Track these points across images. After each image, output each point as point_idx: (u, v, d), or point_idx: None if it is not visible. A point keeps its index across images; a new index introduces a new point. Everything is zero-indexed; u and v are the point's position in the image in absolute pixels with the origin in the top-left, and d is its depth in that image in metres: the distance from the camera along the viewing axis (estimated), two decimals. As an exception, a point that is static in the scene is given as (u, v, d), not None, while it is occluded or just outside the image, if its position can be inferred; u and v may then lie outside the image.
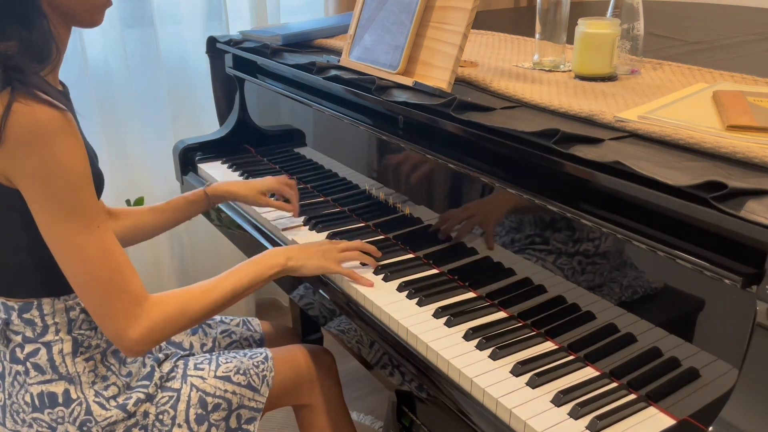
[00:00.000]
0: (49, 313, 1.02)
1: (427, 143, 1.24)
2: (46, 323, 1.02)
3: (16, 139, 0.86)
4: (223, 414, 1.16)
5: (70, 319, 1.04)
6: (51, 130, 0.86)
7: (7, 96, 0.86)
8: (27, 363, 1.03)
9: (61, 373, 1.04)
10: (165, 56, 2.22)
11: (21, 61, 0.89)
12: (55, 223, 0.91)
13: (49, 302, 1.02)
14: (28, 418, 1.04)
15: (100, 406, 1.05)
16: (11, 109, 0.85)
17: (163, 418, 1.11)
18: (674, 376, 0.89)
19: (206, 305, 1.05)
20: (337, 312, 1.22)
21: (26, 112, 0.85)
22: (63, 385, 1.04)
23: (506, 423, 0.91)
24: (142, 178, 2.26)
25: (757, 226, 0.74)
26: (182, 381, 1.14)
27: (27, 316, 1.02)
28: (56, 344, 1.03)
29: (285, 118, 1.79)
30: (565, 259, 1.03)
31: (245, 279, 1.11)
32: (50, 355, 1.03)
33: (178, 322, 1.01)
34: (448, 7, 1.21)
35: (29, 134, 0.85)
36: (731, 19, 2.12)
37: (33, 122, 0.85)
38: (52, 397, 1.03)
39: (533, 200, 1.04)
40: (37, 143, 0.86)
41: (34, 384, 1.03)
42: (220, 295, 1.07)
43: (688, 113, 1.03)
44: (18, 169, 0.88)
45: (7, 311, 1.02)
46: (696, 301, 0.86)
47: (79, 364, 1.05)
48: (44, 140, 0.86)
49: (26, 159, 0.87)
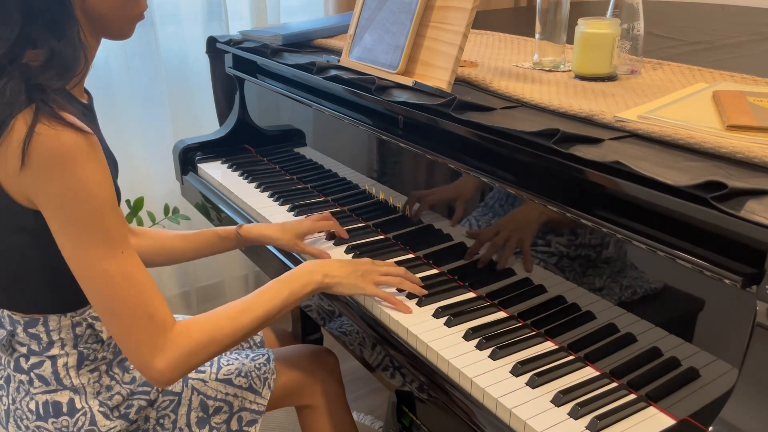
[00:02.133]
0: (55, 329, 1.00)
1: (427, 143, 1.24)
2: (52, 339, 1.01)
3: (40, 162, 0.83)
4: (224, 417, 1.16)
5: (76, 334, 1.02)
6: (75, 155, 0.84)
7: (30, 115, 0.83)
8: (31, 374, 1.02)
9: (66, 384, 1.02)
10: (165, 56, 2.22)
11: (44, 77, 0.86)
12: (78, 249, 0.87)
13: (55, 319, 1.00)
14: (32, 425, 1.03)
15: (104, 417, 1.04)
16: (35, 131, 0.82)
17: (164, 422, 1.11)
18: (674, 376, 0.89)
19: (236, 331, 0.98)
20: (337, 313, 1.22)
21: (51, 135, 0.82)
22: (68, 395, 1.03)
23: (506, 423, 0.91)
24: (142, 178, 2.26)
25: (757, 226, 0.74)
26: (183, 384, 1.13)
27: (32, 331, 1.00)
28: (61, 358, 1.02)
29: (285, 118, 1.79)
30: (564, 259, 1.03)
31: (279, 299, 1.04)
32: (55, 368, 1.01)
33: (206, 349, 0.95)
34: (448, 7, 1.21)
35: (54, 159, 0.83)
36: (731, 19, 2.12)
37: (57, 146, 0.83)
38: (56, 407, 1.02)
39: (533, 200, 1.04)
40: (61, 167, 0.83)
41: (39, 393, 1.02)
42: (251, 320, 1.00)
43: (688, 113, 1.03)
44: (41, 192, 0.86)
45: (13, 324, 1.01)
46: (696, 301, 0.86)
47: (83, 376, 1.03)
48: (68, 165, 0.84)
49: (50, 182, 0.85)
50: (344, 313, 1.20)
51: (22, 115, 0.83)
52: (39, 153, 0.83)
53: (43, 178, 0.84)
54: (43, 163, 0.83)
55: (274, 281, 1.07)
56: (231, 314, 0.99)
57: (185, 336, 0.93)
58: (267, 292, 1.04)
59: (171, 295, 2.42)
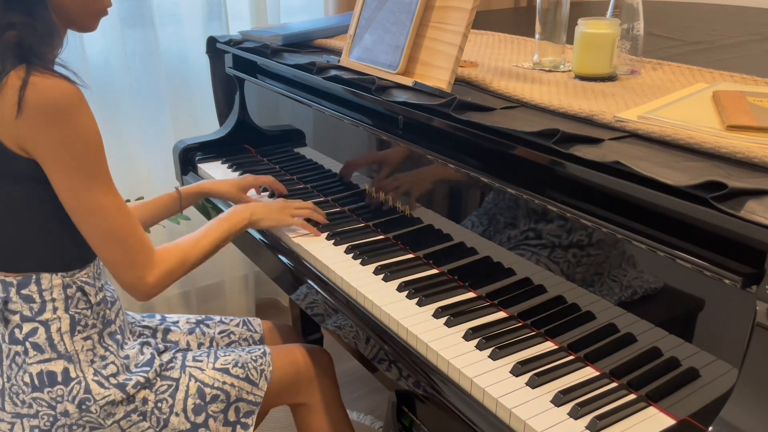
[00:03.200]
0: (47, 288, 1.05)
1: (427, 143, 1.24)
2: (44, 299, 1.05)
3: (37, 110, 0.90)
4: (222, 406, 1.17)
5: (67, 296, 1.06)
6: (72, 102, 0.93)
7: (23, 71, 0.90)
8: (26, 343, 1.05)
9: (60, 351, 1.06)
10: (165, 56, 2.22)
11: (29, 41, 0.93)
12: (79, 188, 0.97)
13: (47, 277, 1.04)
14: (28, 398, 1.05)
15: (99, 385, 1.07)
16: (29, 82, 0.89)
17: (162, 406, 1.13)
18: (674, 376, 0.89)
19: (199, 254, 1.18)
20: (337, 312, 1.22)
21: (47, 85, 0.91)
22: (62, 363, 1.06)
23: (506, 423, 0.91)
24: (142, 178, 2.26)
25: (757, 226, 0.74)
26: (181, 371, 1.17)
27: (25, 292, 1.04)
28: (54, 323, 1.06)
29: (285, 118, 1.79)
30: (564, 259, 1.03)
31: (222, 230, 1.25)
32: (48, 333, 1.05)
33: (181, 267, 1.13)
34: (448, 7, 1.21)
35: (52, 107, 0.91)
36: (731, 19, 2.12)
37: (55, 94, 0.91)
38: (51, 376, 1.06)
39: (533, 200, 1.04)
40: (59, 114, 0.92)
41: (34, 363, 1.05)
42: (207, 243, 1.21)
43: (688, 113, 1.03)
44: (39, 139, 0.93)
45: (6, 289, 1.04)
46: (696, 301, 0.86)
47: (77, 342, 1.07)
48: (66, 111, 0.92)
49: (49, 129, 0.92)
50: (344, 312, 1.20)
51: (15, 71, 0.91)
52: (36, 102, 0.91)
53: (41, 125, 0.92)
54: (41, 111, 0.91)
55: (216, 219, 1.28)
56: (191, 242, 1.19)
57: (165, 257, 1.11)
58: (213, 227, 1.25)
59: (171, 295, 2.42)
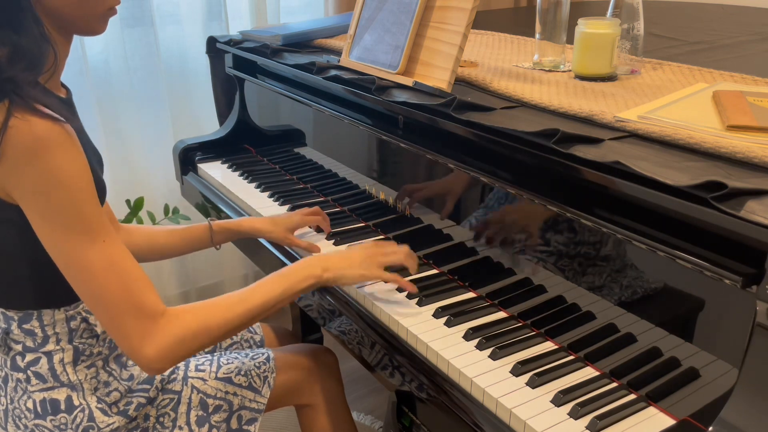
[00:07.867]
0: (49, 323, 1.01)
1: (427, 143, 1.24)
2: (47, 333, 1.01)
3: (15, 155, 0.83)
4: (224, 415, 1.16)
5: (71, 328, 1.02)
6: (48, 144, 0.83)
7: (4, 110, 0.83)
8: (28, 371, 1.02)
9: (63, 381, 1.03)
10: (165, 56, 2.22)
11: (13, 71, 0.86)
12: (58, 239, 0.87)
13: (49, 313, 1.00)
14: (30, 424, 1.03)
15: (102, 413, 1.04)
16: (8, 125, 0.82)
17: (164, 420, 1.11)
18: (674, 376, 0.89)
19: (231, 320, 0.97)
20: (337, 313, 1.22)
21: (23, 128, 0.82)
22: (65, 391, 1.03)
23: (506, 423, 0.91)
24: (142, 178, 2.26)
25: (757, 226, 0.74)
26: (183, 383, 1.14)
27: (27, 327, 1.00)
28: (57, 354, 1.02)
29: (285, 118, 1.79)
30: (565, 259, 1.03)
31: (275, 293, 1.02)
32: (51, 364, 1.02)
33: (199, 338, 0.94)
34: (448, 7, 1.21)
35: (27, 149, 0.83)
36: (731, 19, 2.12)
37: (30, 137, 0.83)
38: (54, 404, 1.02)
39: (533, 200, 1.04)
40: (35, 158, 0.83)
41: (36, 391, 1.02)
42: (246, 310, 0.99)
43: (688, 113, 1.03)
44: (17, 184, 0.86)
45: (7, 321, 1.01)
46: (696, 301, 0.86)
47: (80, 372, 1.04)
48: (42, 154, 0.83)
49: (25, 175, 0.85)
50: (344, 312, 1.20)
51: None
52: (13, 145, 0.83)
53: (18, 170, 0.84)
54: (18, 156, 0.83)
55: (272, 274, 1.05)
56: (226, 304, 0.98)
57: (176, 323, 0.92)
58: (264, 285, 1.03)
59: (171, 295, 2.42)
